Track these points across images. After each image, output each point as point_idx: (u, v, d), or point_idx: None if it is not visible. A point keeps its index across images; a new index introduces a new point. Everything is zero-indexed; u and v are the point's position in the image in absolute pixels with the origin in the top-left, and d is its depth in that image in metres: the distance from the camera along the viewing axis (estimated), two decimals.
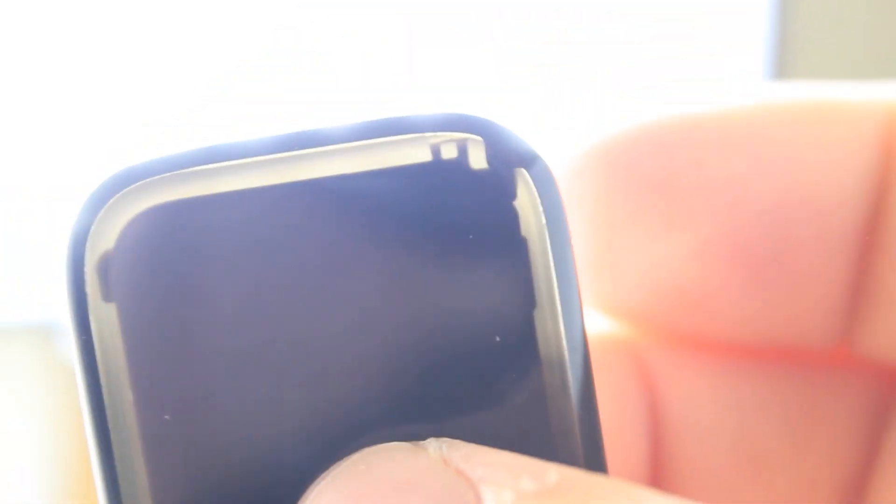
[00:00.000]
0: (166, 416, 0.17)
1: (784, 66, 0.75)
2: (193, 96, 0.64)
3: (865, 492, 0.22)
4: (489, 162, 0.17)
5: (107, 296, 0.17)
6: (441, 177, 0.17)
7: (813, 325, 0.21)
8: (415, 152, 0.17)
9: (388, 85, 0.65)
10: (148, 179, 0.17)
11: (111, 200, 0.17)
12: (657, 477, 0.22)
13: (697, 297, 0.21)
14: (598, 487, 0.15)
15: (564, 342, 0.17)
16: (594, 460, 0.17)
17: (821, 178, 0.20)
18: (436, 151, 0.17)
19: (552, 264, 0.17)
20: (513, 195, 0.17)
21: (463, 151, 0.17)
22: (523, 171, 0.17)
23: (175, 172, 0.17)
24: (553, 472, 0.15)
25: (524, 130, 0.18)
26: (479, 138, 0.17)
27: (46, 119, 0.65)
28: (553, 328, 0.17)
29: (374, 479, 0.16)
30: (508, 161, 0.17)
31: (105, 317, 0.17)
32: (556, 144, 0.21)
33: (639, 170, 0.21)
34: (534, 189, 0.17)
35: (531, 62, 0.69)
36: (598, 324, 0.23)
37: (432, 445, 0.16)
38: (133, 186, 0.17)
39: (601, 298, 0.22)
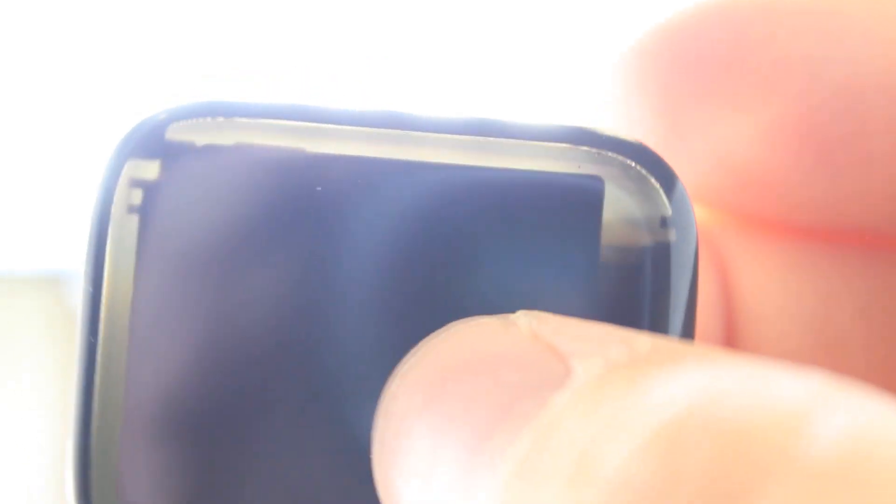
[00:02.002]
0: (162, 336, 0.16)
1: None
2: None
3: None
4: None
5: (132, 209, 0.16)
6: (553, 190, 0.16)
7: (884, 211, 0.21)
8: (552, 161, 0.16)
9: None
10: (220, 118, 0.16)
11: (172, 125, 0.16)
12: None
13: (766, 179, 0.21)
14: (690, 354, 0.14)
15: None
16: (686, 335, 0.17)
17: None
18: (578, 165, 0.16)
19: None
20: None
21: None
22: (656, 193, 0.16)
23: (258, 119, 0.16)
24: (644, 341, 0.15)
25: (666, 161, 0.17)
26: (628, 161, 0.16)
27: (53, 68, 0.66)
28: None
29: (463, 354, 0.16)
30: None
31: (126, 229, 0.16)
32: (626, 23, 0.21)
33: (708, 48, 0.20)
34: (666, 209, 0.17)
35: None
36: None
37: (522, 319, 0.16)
38: (201, 120, 0.16)
39: None
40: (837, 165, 0.21)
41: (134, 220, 0.16)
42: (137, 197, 0.16)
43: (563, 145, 0.17)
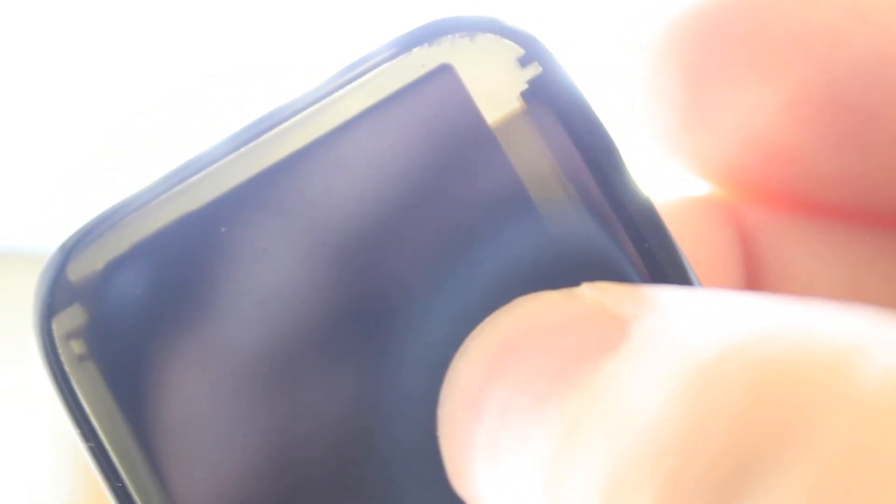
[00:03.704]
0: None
1: None
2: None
3: None
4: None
5: (83, 358, 0.16)
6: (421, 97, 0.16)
7: None
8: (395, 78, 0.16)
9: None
10: (97, 238, 0.16)
11: (66, 269, 0.16)
12: None
13: (791, 153, 0.21)
14: (741, 303, 0.14)
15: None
16: None
17: None
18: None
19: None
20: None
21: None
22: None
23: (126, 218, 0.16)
24: (698, 296, 0.15)
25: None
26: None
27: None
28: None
29: (525, 326, 0.16)
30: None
31: (89, 378, 0.16)
32: (653, 3, 0.21)
33: (734, 19, 0.20)
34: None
35: None
36: (692, 185, 0.22)
37: (586, 291, 0.16)
38: (90, 245, 0.16)
39: (694, 157, 0.22)
40: (860, 141, 0.20)
41: (90, 365, 0.16)
42: (80, 346, 0.16)
43: (400, 57, 0.17)
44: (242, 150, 0.16)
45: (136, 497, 0.16)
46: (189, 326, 0.16)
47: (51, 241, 0.17)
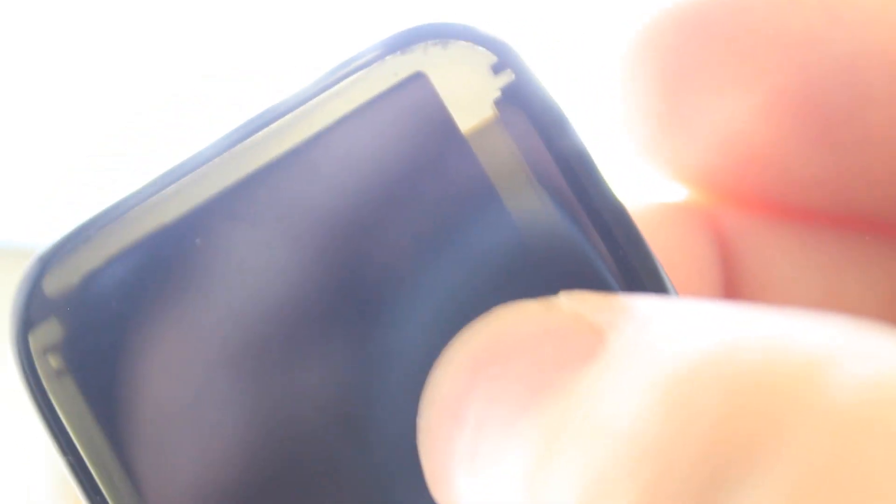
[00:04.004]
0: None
1: None
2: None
3: None
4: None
5: (60, 373, 0.16)
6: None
7: (883, 193, 0.21)
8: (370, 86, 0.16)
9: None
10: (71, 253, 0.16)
11: (42, 282, 0.16)
12: None
13: (767, 157, 0.21)
14: (715, 312, 0.14)
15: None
16: None
17: None
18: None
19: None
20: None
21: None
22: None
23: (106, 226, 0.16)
24: (676, 306, 0.15)
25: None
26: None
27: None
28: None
29: (505, 336, 0.16)
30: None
31: (66, 392, 0.16)
32: (627, 7, 0.21)
33: (709, 23, 0.20)
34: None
35: None
36: (669, 190, 0.22)
37: (564, 301, 0.16)
38: (64, 258, 0.16)
39: (670, 161, 0.22)
40: (836, 144, 0.20)
41: (67, 380, 0.16)
42: (57, 360, 0.16)
43: (373, 66, 0.17)
44: (217, 160, 0.16)
45: None
46: (167, 339, 0.16)
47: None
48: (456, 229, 0.17)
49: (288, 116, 0.16)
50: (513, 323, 0.16)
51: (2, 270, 0.71)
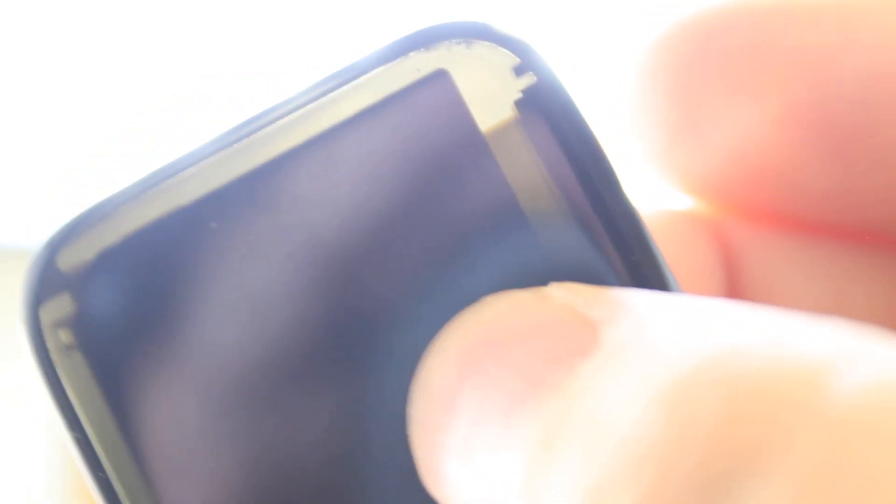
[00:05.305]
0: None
1: None
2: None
3: None
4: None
5: (70, 348, 0.16)
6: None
7: (893, 210, 0.21)
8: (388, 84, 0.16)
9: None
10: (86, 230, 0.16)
11: (57, 257, 0.16)
12: None
13: (779, 171, 0.21)
14: (716, 311, 0.14)
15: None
16: None
17: None
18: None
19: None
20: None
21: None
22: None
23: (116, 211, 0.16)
24: (671, 301, 0.15)
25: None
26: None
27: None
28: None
29: (498, 327, 0.16)
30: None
31: (75, 368, 0.16)
32: (643, 20, 0.21)
33: (724, 38, 0.20)
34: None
35: None
36: (677, 200, 0.22)
37: (556, 291, 0.16)
38: (81, 234, 0.16)
39: (681, 172, 0.22)
40: (848, 160, 0.20)
41: (77, 356, 0.16)
42: (67, 335, 0.16)
43: (396, 61, 0.17)
44: (236, 146, 0.17)
45: (118, 488, 0.16)
46: (178, 320, 0.16)
47: None
48: (468, 226, 0.17)
49: (309, 106, 0.17)
50: (505, 313, 0.16)
51: (1, 272, 0.71)
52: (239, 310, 0.17)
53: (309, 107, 0.17)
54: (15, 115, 0.66)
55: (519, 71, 0.17)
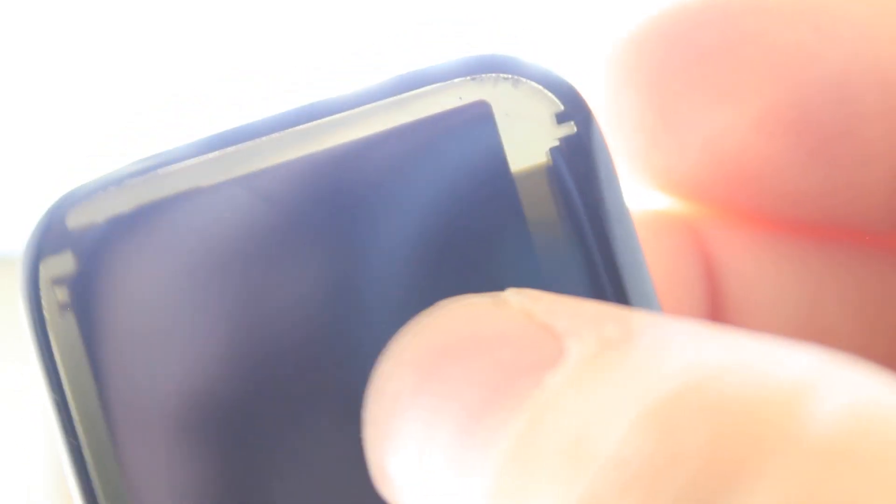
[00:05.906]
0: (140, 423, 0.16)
1: None
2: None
3: None
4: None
5: (63, 307, 0.16)
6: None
7: (876, 207, 0.21)
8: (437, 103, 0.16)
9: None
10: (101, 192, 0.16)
11: (67, 215, 0.16)
12: None
13: (757, 170, 0.21)
14: (688, 331, 0.14)
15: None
16: None
17: (890, 52, 0.20)
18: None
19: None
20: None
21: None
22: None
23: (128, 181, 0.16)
24: (639, 318, 0.15)
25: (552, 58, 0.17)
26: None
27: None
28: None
29: (455, 333, 0.15)
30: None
31: (65, 327, 0.16)
32: (616, 16, 0.21)
33: (701, 38, 0.20)
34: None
35: None
36: (655, 200, 0.22)
37: (513, 297, 0.16)
38: (95, 196, 0.16)
39: (658, 173, 0.22)
40: (830, 159, 0.20)
41: (70, 316, 0.16)
42: (63, 294, 0.16)
43: (440, 84, 0.17)
44: (265, 139, 0.16)
45: (88, 457, 0.16)
46: (176, 299, 0.16)
47: None
48: (477, 253, 0.17)
49: (346, 113, 0.16)
50: (462, 318, 0.16)
51: (2, 275, 0.71)
52: (235, 303, 0.16)
53: (345, 113, 0.16)
54: (15, 116, 0.66)
55: (561, 118, 0.17)
